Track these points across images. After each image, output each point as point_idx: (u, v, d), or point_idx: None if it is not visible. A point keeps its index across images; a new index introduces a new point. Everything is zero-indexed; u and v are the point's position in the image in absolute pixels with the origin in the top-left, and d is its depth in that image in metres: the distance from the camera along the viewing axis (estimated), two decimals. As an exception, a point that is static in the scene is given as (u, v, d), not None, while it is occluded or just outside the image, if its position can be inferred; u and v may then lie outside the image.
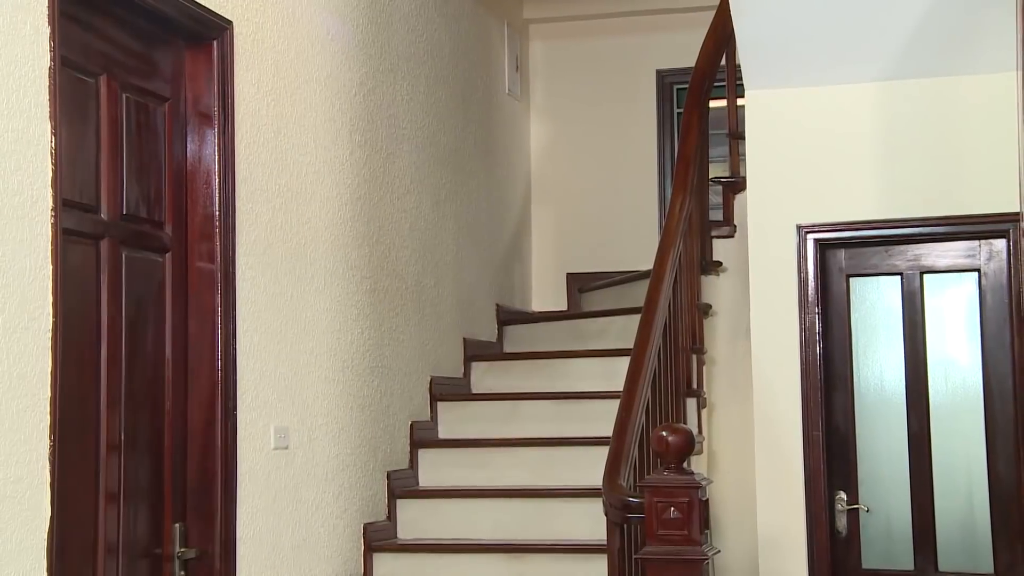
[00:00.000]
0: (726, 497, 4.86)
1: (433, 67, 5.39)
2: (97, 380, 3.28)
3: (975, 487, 4.34)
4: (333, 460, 4.33)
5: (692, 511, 3.20)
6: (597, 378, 5.23)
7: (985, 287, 4.36)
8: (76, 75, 3.23)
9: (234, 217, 3.75)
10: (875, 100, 4.40)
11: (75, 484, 3.15)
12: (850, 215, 4.39)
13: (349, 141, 4.56)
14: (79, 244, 3.23)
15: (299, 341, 4.13)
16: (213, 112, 3.71)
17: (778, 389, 4.41)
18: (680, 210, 4.75)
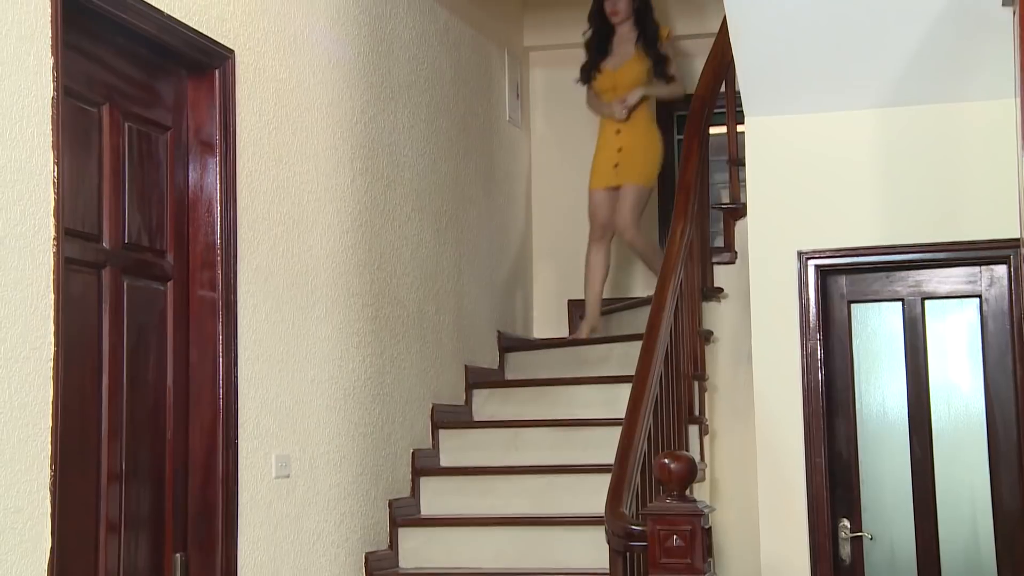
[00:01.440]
0: (729, 525, 4.84)
1: (434, 95, 5.41)
2: (98, 409, 3.28)
3: (979, 514, 4.32)
4: (334, 488, 4.32)
5: (695, 539, 3.18)
6: (599, 405, 5.22)
7: (987, 313, 4.36)
8: (79, 104, 3.24)
9: (236, 245, 3.76)
10: (875, 127, 4.41)
11: (76, 514, 3.14)
12: (851, 241, 4.40)
13: (350, 169, 4.57)
14: (81, 273, 3.23)
15: (300, 369, 4.13)
16: (215, 141, 3.72)
17: (780, 415, 4.41)
18: (681, 237, 4.76)
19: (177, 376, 3.62)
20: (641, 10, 5.75)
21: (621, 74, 5.69)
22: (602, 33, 5.78)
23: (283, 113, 4.10)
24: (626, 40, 5.74)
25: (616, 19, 5.73)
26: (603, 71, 5.74)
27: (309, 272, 4.22)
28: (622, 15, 5.73)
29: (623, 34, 5.76)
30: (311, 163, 4.27)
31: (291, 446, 4.04)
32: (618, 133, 5.65)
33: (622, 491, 3.73)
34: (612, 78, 5.70)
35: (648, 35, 5.69)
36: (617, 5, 5.72)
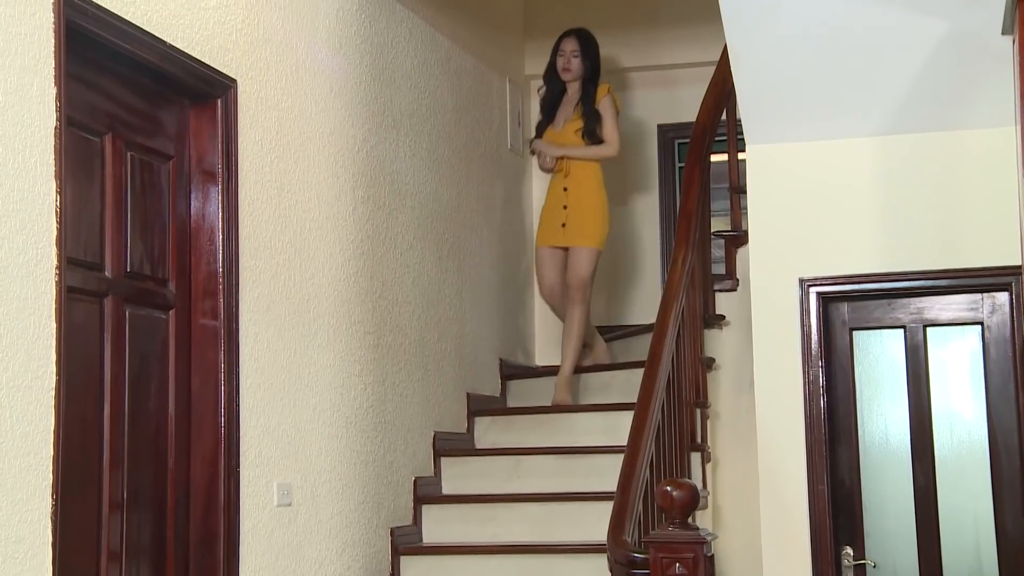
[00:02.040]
0: (732, 552, 4.83)
1: (435, 123, 5.43)
2: (100, 438, 3.28)
3: (982, 542, 4.31)
4: (336, 517, 4.31)
5: (697, 567, 3.17)
6: (601, 432, 5.21)
7: (989, 340, 4.35)
8: (81, 134, 3.26)
9: (238, 274, 3.76)
10: (875, 154, 4.42)
11: (77, 543, 3.13)
12: (852, 268, 4.40)
13: (352, 197, 4.59)
14: (83, 302, 3.24)
15: (302, 397, 4.13)
16: (217, 170, 3.73)
17: (782, 443, 4.40)
18: (683, 264, 4.76)
19: (179, 404, 3.62)
20: (590, 70, 5.71)
21: (562, 135, 5.68)
22: (555, 91, 5.77)
23: (285, 142, 4.11)
24: (570, 101, 5.74)
25: (567, 76, 5.70)
26: (548, 133, 5.74)
27: (311, 300, 4.23)
28: (574, 73, 5.70)
29: (571, 94, 5.75)
30: (313, 192, 4.29)
31: (293, 474, 4.04)
32: (565, 191, 5.62)
33: (624, 519, 3.72)
34: (556, 139, 5.70)
35: (587, 97, 5.65)
36: (570, 63, 5.69)
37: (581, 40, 5.69)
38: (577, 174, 5.61)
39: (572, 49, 5.68)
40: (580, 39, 5.69)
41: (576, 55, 5.67)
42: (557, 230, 5.62)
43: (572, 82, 5.71)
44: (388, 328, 4.79)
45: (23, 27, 2.98)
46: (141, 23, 3.38)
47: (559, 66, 5.71)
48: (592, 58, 5.70)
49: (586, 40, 5.69)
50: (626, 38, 6.64)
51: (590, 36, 5.72)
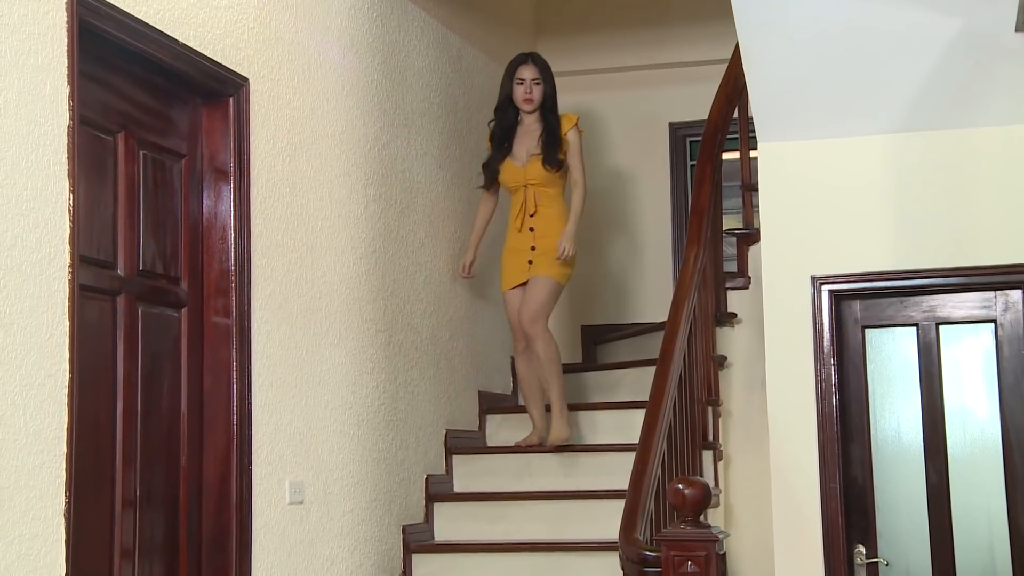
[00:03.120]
0: (743, 551, 4.82)
1: (447, 121, 5.44)
2: (113, 436, 3.29)
3: (996, 540, 4.29)
4: (348, 514, 4.32)
5: (709, 565, 3.17)
6: (612, 430, 5.21)
7: (1002, 338, 4.34)
8: (94, 133, 3.27)
9: (250, 272, 3.77)
10: (888, 152, 4.41)
11: (90, 540, 3.15)
12: (865, 266, 4.39)
13: (364, 196, 4.59)
14: (96, 300, 3.25)
15: (314, 395, 4.14)
16: (229, 168, 3.74)
17: (795, 441, 4.39)
18: (694, 262, 4.76)
19: (191, 402, 3.63)
20: (550, 99, 5.18)
21: (531, 168, 5.09)
22: (507, 123, 5.19)
23: (297, 140, 4.12)
24: (531, 133, 5.16)
25: (529, 107, 5.14)
26: (509, 167, 5.14)
27: (323, 298, 4.23)
28: (535, 103, 5.15)
29: (528, 126, 5.18)
30: (325, 190, 4.29)
31: (305, 472, 4.04)
32: (531, 231, 5.08)
33: (636, 517, 3.71)
34: (521, 174, 5.11)
35: (551, 124, 5.12)
36: (532, 91, 5.14)
37: (539, 66, 5.19)
38: (545, 212, 5.09)
39: (533, 77, 5.15)
40: (538, 65, 5.19)
41: (537, 82, 5.15)
42: (524, 269, 5.07)
43: (532, 113, 5.17)
44: (400, 326, 4.80)
45: (36, 27, 3.00)
46: (154, 22, 3.39)
47: (518, 96, 5.15)
48: (550, 83, 5.20)
49: (543, 66, 5.20)
50: (637, 35, 6.64)
51: (545, 61, 5.24)
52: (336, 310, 4.32)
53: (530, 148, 5.13)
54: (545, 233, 5.06)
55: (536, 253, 5.06)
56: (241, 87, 3.77)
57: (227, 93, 3.74)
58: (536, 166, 5.08)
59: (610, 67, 6.77)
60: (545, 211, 5.09)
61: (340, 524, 4.26)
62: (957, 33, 4.01)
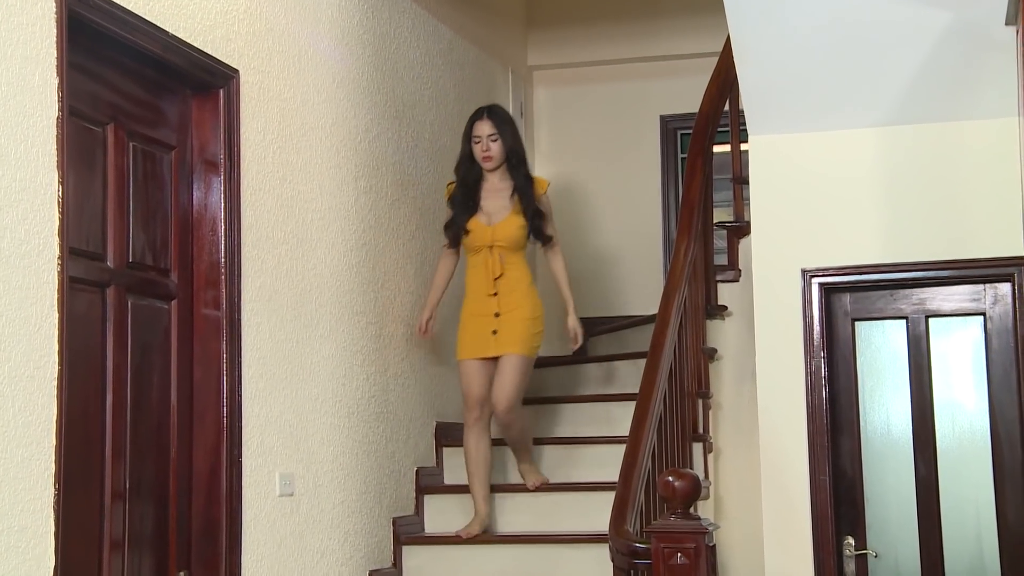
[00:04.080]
0: (733, 543, 4.83)
1: (438, 113, 5.43)
2: (102, 428, 3.29)
3: (984, 532, 4.31)
4: (338, 507, 4.32)
5: (699, 557, 3.18)
6: (603, 422, 5.22)
7: (991, 331, 4.35)
8: (84, 124, 3.26)
9: (240, 264, 3.77)
10: (879, 145, 4.42)
11: (79, 533, 3.14)
12: (855, 259, 4.40)
13: (354, 188, 4.59)
14: (85, 292, 3.24)
15: (304, 387, 4.14)
16: (219, 160, 3.73)
17: (784, 433, 4.40)
18: (685, 255, 4.76)
19: (181, 395, 3.62)
20: (514, 154, 4.86)
21: (500, 229, 4.78)
22: (470, 182, 4.86)
23: (287, 132, 4.11)
24: (498, 190, 4.85)
25: (489, 165, 4.82)
26: (476, 226, 4.80)
27: (313, 291, 4.23)
28: (495, 160, 4.82)
29: (494, 183, 4.86)
30: (315, 182, 4.29)
31: (295, 464, 4.04)
32: (494, 295, 4.76)
33: (626, 509, 3.72)
34: (490, 234, 4.77)
35: (523, 187, 4.83)
36: (489, 148, 4.81)
37: (496, 120, 4.85)
38: (510, 276, 4.78)
39: (489, 133, 4.82)
40: (494, 119, 4.85)
41: (494, 138, 4.82)
42: (488, 339, 4.74)
43: (494, 170, 4.85)
44: (390, 318, 4.80)
45: (25, 17, 2.98)
46: (143, 13, 3.38)
47: (477, 154, 4.84)
48: (511, 137, 4.85)
49: (501, 119, 4.87)
50: (629, 28, 6.64)
51: (503, 113, 4.94)
52: (326, 302, 4.32)
53: (503, 207, 4.82)
54: (510, 299, 4.75)
55: (500, 322, 4.73)
56: (231, 79, 3.76)
57: (217, 85, 3.73)
58: (511, 228, 4.78)
59: (601, 59, 6.77)
60: (511, 274, 4.78)
61: (330, 516, 4.26)
62: (948, 26, 4.02)
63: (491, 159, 4.84)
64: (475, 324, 4.78)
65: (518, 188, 4.84)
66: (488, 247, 4.79)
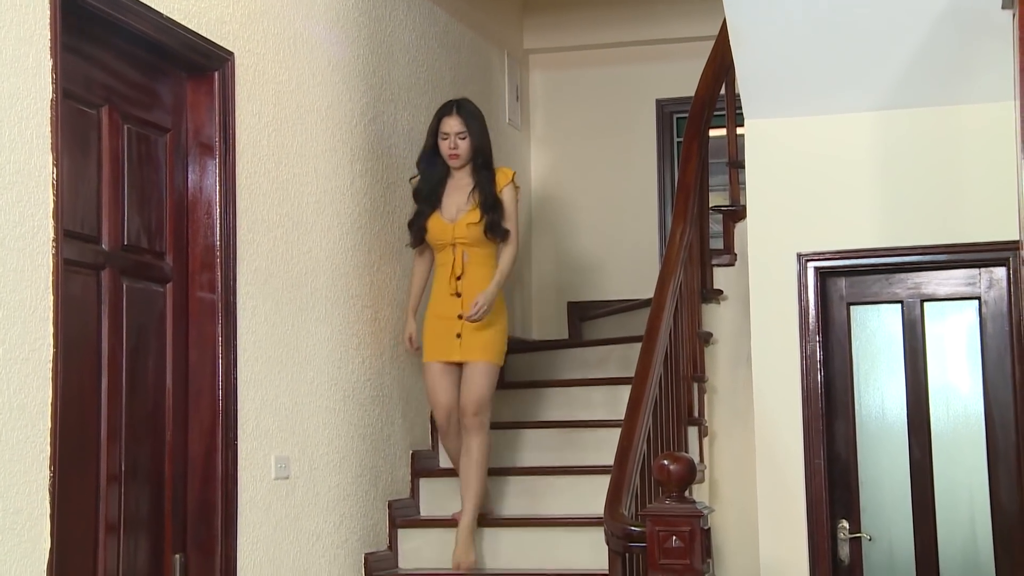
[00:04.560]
0: (728, 526, 4.85)
1: (434, 97, 5.42)
2: (97, 410, 3.29)
3: (977, 515, 4.32)
4: (334, 490, 4.32)
5: (694, 540, 3.19)
6: (598, 406, 5.23)
7: (986, 315, 4.36)
8: (78, 106, 3.25)
9: (235, 247, 3.76)
10: (874, 129, 4.41)
11: (75, 515, 3.14)
12: (850, 243, 4.40)
13: (350, 171, 4.58)
14: (80, 274, 3.24)
15: (300, 371, 4.14)
16: (214, 142, 3.72)
17: (779, 417, 4.41)
18: (680, 239, 4.76)
19: (176, 377, 3.62)
20: (480, 154, 4.68)
21: (460, 227, 4.62)
22: (434, 178, 4.71)
23: (282, 115, 4.10)
24: (462, 188, 4.69)
25: (456, 162, 4.66)
26: (437, 224, 4.66)
27: (309, 274, 4.23)
28: (462, 158, 4.66)
29: (458, 180, 4.70)
30: (311, 165, 4.28)
31: (291, 447, 4.05)
32: (458, 296, 4.60)
33: (621, 492, 3.73)
34: (450, 231, 4.63)
35: (482, 181, 4.65)
36: (457, 146, 4.65)
37: (464, 116, 4.67)
38: (473, 274, 4.61)
39: (457, 130, 4.64)
40: (463, 115, 4.67)
41: (463, 136, 4.64)
42: (452, 342, 4.59)
43: (461, 168, 4.69)
44: (386, 301, 4.79)
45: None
46: (137, -5, 3.36)
47: (444, 151, 4.66)
48: (479, 135, 4.68)
49: (470, 115, 4.69)
50: (625, 11, 6.62)
51: (473, 108, 4.74)
52: (322, 285, 4.32)
53: (461, 204, 4.66)
54: (473, 298, 4.58)
55: (465, 326, 4.58)
56: (226, 61, 3.75)
57: (212, 67, 3.72)
58: (466, 224, 4.61)
59: (597, 43, 6.75)
60: (474, 273, 4.61)
61: (326, 499, 4.26)
62: (944, 10, 4.01)
63: (458, 157, 4.66)
64: (439, 326, 4.63)
65: (479, 184, 4.66)
66: (451, 245, 4.64)
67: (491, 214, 4.63)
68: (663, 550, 3.19)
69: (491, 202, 4.64)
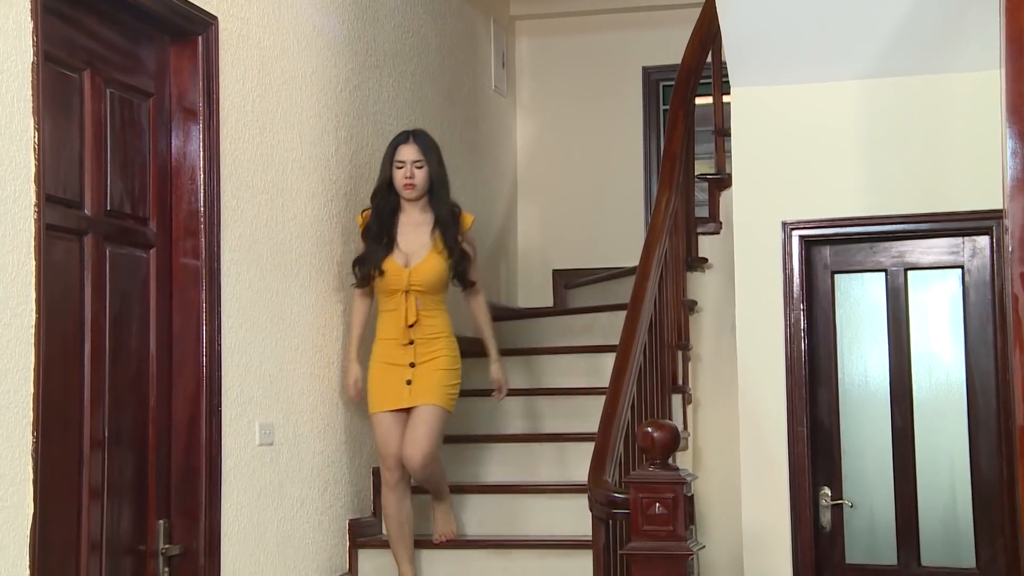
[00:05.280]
0: (711, 493, 4.87)
1: (419, 63, 5.39)
2: (81, 376, 3.28)
3: (958, 482, 4.36)
4: (318, 456, 4.33)
5: (677, 507, 3.20)
6: (583, 374, 5.24)
7: (969, 284, 4.38)
8: (59, 70, 3.22)
9: (219, 213, 3.75)
10: (860, 97, 4.41)
11: (58, 480, 3.14)
12: (835, 212, 4.41)
13: (335, 137, 4.56)
14: (62, 240, 3.22)
15: (284, 337, 4.13)
16: (198, 108, 3.70)
17: (763, 385, 4.43)
18: (666, 207, 4.76)
19: (160, 344, 3.61)
20: (439, 184, 4.41)
21: (419, 272, 4.33)
22: (385, 213, 4.38)
23: (267, 81, 4.08)
24: (417, 225, 4.39)
25: (411, 193, 4.36)
26: (390, 267, 4.33)
27: (293, 240, 4.21)
28: (419, 189, 4.37)
29: (413, 216, 4.40)
30: (295, 131, 4.26)
31: (275, 414, 4.05)
32: (410, 344, 4.32)
33: (605, 459, 3.75)
34: (406, 277, 4.32)
35: (446, 220, 4.37)
36: (413, 176, 4.36)
37: (421, 145, 4.39)
38: (427, 323, 4.35)
39: (414, 159, 4.36)
40: (420, 144, 4.39)
41: (419, 165, 4.36)
42: (401, 389, 4.31)
43: (416, 200, 4.40)
44: (371, 269, 4.78)
45: (-1, -40, 2.94)
46: (119, -43, 3.33)
47: (398, 181, 4.36)
48: (436, 165, 4.40)
49: (427, 145, 4.40)
50: (612, -22, 6.59)
51: (429, 139, 4.45)
52: (307, 252, 4.30)
53: (424, 245, 4.36)
54: (428, 349, 4.33)
55: (416, 372, 4.31)
56: (210, 26, 3.72)
57: (195, 32, 3.69)
58: (424, 270, 4.33)
59: (584, 9, 6.72)
60: (429, 322, 4.35)
61: (310, 466, 4.27)
62: (931, -22, 4.00)
63: (414, 187, 4.35)
64: (388, 374, 4.34)
65: (440, 222, 4.36)
66: (403, 292, 4.32)
67: (460, 263, 4.39)
68: (646, 517, 3.21)
69: (459, 248, 4.39)
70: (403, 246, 4.37)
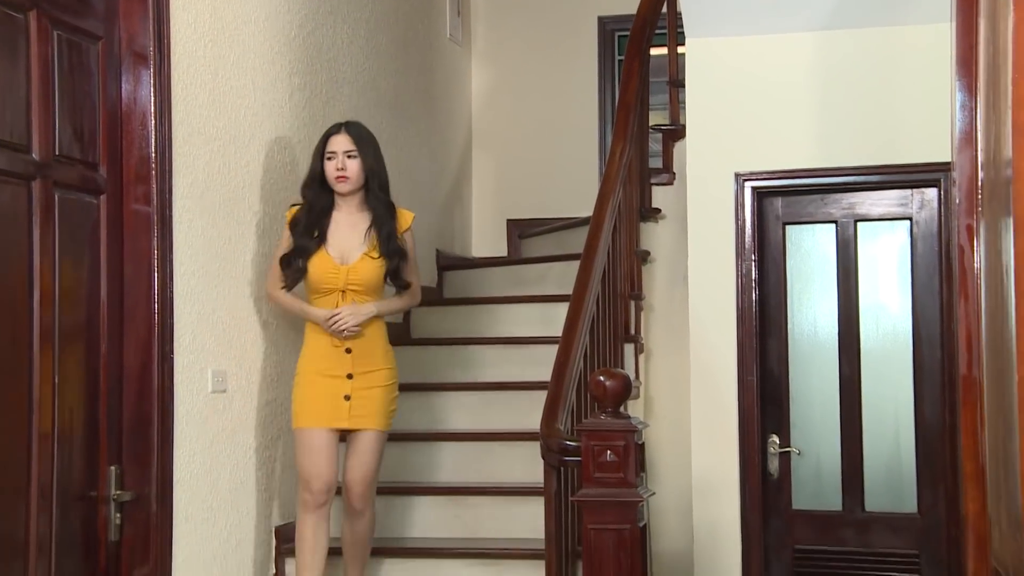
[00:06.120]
0: (662, 440, 4.93)
1: (374, 10, 5.34)
2: (30, 322, 3.25)
3: (902, 430, 4.44)
4: (271, 403, 4.33)
5: (628, 454, 3.24)
6: (536, 323, 5.27)
7: (916, 235, 4.43)
8: (3, 10, 3.16)
9: (171, 160, 3.71)
10: (813, 49, 4.43)
11: (7, 426, 3.12)
12: (787, 163, 4.44)
13: (288, 84, 4.52)
14: (10, 184, 3.18)
15: (237, 285, 4.11)
16: (148, 52, 3.64)
17: (714, 335, 4.47)
18: (620, 157, 4.77)
19: (111, 290, 3.58)
20: (375, 178, 4.10)
21: (357, 270, 4.04)
22: (317, 209, 4.08)
23: (219, 26, 4.02)
24: (353, 223, 4.10)
25: (345, 187, 4.05)
26: (324, 264, 4.04)
27: (246, 188, 4.18)
28: (352, 182, 4.06)
29: (349, 212, 4.10)
30: (248, 77, 4.21)
31: (227, 362, 4.04)
32: (348, 352, 4.03)
33: (558, 408, 3.78)
34: (343, 275, 4.03)
35: (383, 217, 4.07)
36: (345, 166, 4.05)
37: (354, 135, 4.08)
38: (366, 328, 4.05)
39: (346, 149, 4.05)
40: (352, 134, 4.08)
41: (352, 155, 4.05)
42: (339, 405, 4.01)
43: (350, 195, 4.09)
44: (324, 217, 4.75)
45: None
46: None
47: (330, 173, 4.06)
48: (372, 158, 4.08)
49: (361, 136, 4.09)
50: (568, -73, 6.55)
51: (365, 131, 4.13)
52: (259, 200, 4.28)
53: (359, 242, 4.06)
54: (367, 359, 4.06)
55: (354, 386, 4.03)
56: (160, -32, 3.66)
57: (145, -27, 3.62)
58: (361, 269, 4.04)
59: (540, -42, 6.68)
60: (367, 327, 4.06)
61: (264, 413, 4.27)
62: (885, -70, 4.01)
63: (346, 180, 4.04)
64: (323, 385, 4.02)
65: (377, 219, 4.06)
66: (340, 291, 4.04)
67: (393, 259, 4.06)
68: (597, 464, 3.24)
69: (394, 245, 4.06)
70: (336, 243, 4.07)
